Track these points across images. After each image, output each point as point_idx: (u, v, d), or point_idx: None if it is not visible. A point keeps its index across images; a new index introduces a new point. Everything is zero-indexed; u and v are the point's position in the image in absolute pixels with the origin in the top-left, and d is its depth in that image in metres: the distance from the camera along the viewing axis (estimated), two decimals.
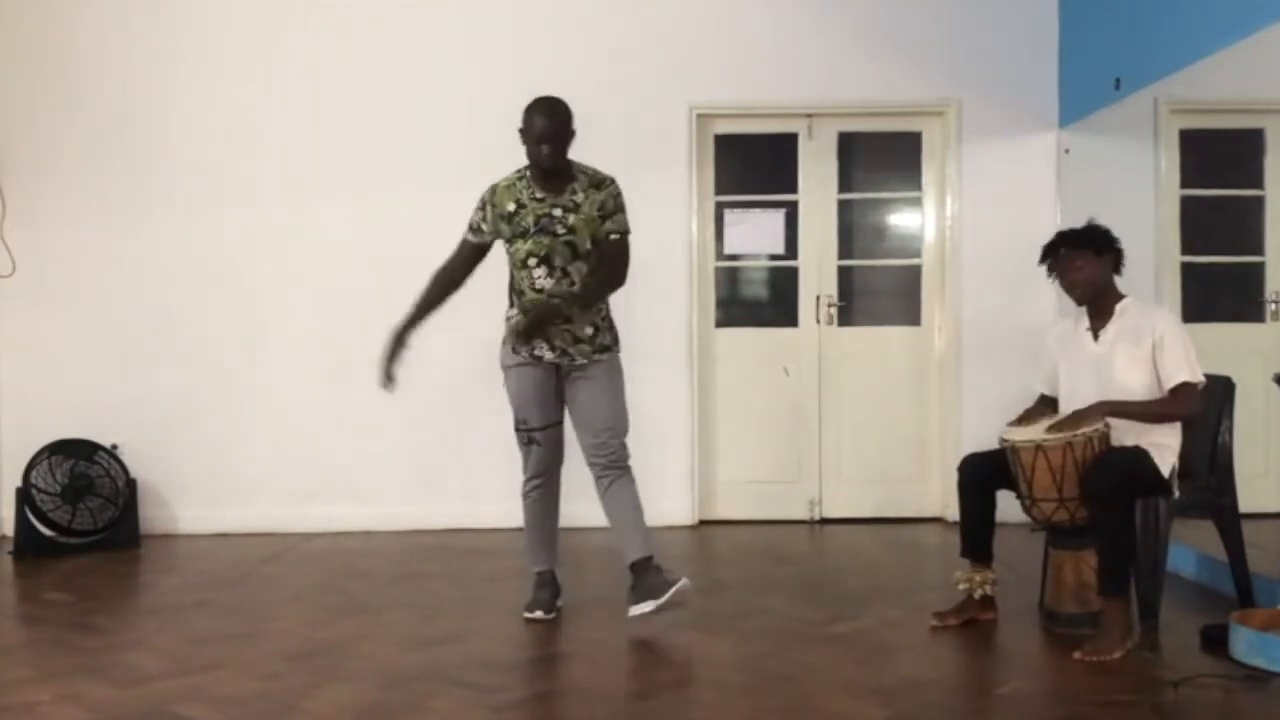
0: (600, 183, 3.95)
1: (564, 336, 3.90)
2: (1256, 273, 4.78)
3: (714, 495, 5.87)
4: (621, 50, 5.73)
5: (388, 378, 3.96)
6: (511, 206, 3.89)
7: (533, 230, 3.85)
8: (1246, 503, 3.96)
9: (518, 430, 4.04)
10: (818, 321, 5.89)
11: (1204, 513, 3.97)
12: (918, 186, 5.94)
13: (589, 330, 3.94)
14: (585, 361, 3.95)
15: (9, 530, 5.34)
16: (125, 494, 5.45)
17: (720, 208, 5.91)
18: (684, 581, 3.86)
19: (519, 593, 4.27)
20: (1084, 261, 3.82)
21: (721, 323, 5.94)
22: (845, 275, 5.94)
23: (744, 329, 5.98)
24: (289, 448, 5.71)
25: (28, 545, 5.21)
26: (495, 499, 5.46)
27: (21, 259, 5.63)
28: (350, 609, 4.24)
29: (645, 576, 3.90)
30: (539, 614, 4.01)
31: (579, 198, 3.90)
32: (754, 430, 5.87)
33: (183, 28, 5.71)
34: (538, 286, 3.88)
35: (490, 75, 5.69)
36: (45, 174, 5.67)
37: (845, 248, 5.94)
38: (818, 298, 5.89)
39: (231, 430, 5.72)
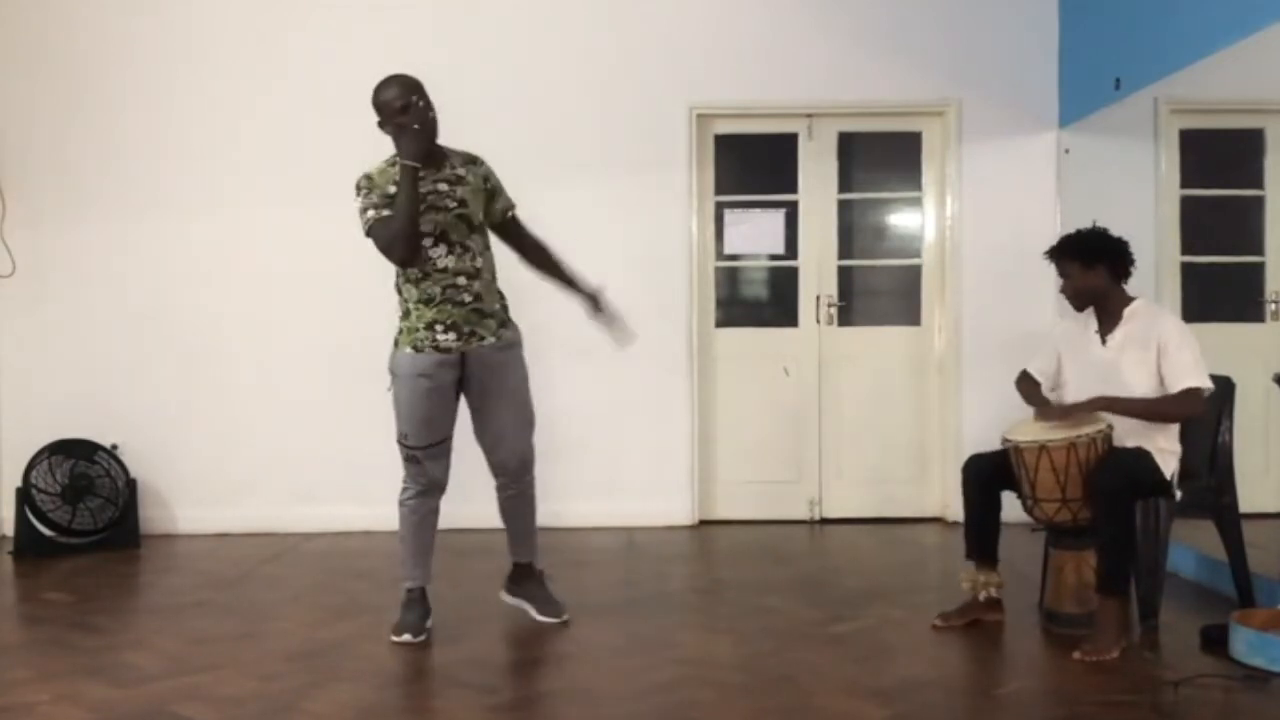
0: (474, 159, 3.83)
1: (470, 316, 3.73)
2: (1256, 273, 4.78)
3: (714, 495, 5.87)
4: (621, 50, 5.74)
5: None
6: (393, 188, 3.63)
7: (422, 210, 3.63)
8: (1246, 503, 3.96)
9: (399, 442, 3.87)
10: (818, 321, 5.89)
11: (1204, 513, 3.97)
12: (918, 186, 5.94)
13: (496, 307, 3.82)
14: (493, 340, 3.76)
15: (9, 530, 5.34)
16: (125, 494, 5.45)
17: (720, 208, 5.90)
18: (566, 619, 3.96)
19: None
20: (1072, 272, 3.83)
21: (721, 323, 5.93)
22: (845, 275, 5.94)
23: (744, 329, 5.98)
24: (289, 448, 5.71)
25: (28, 545, 5.21)
26: (493, 499, 5.46)
27: (21, 259, 5.63)
28: (350, 609, 4.24)
29: (530, 581, 4.03)
30: (408, 637, 3.77)
31: (460, 171, 3.76)
32: (754, 430, 5.87)
33: (183, 28, 5.71)
34: (440, 266, 3.68)
35: (490, 75, 5.69)
36: (45, 174, 5.67)
37: (845, 248, 5.93)
38: (818, 298, 5.89)
39: (231, 430, 5.72)
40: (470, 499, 5.63)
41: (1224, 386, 3.92)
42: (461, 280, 3.70)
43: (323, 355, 5.71)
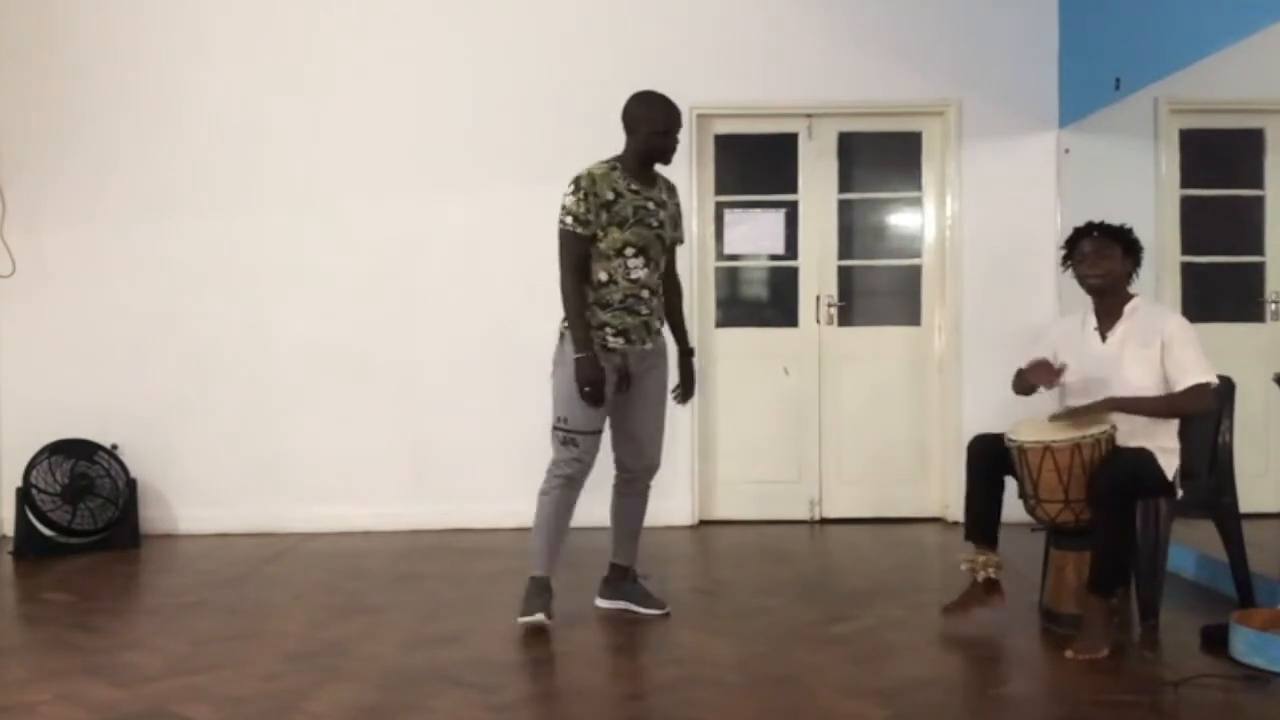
0: (673, 189, 4.07)
1: (640, 327, 3.91)
2: (1256, 273, 4.78)
3: (714, 495, 5.87)
4: (621, 50, 5.73)
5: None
6: (610, 195, 3.82)
7: (631, 220, 3.84)
8: (1246, 503, 3.97)
9: (556, 428, 3.90)
10: (818, 321, 5.89)
11: (1204, 513, 3.97)
12: (918, 186, 5.93)
13: (658, 323, 4.02)
14: (649, 346, 3.96)
15: (9, 530, 5.34)
16: (125, 494, 5.45)
17: (720, 208, 5.90)
18: (666, 611, 4.05)
19: (518, 593, 4.28)
20: (1113, 254, 3.81)
21: (721, 323, 5.93)
22: (845, 275, 5.94)
23: (744, 329, 5.98)
24: (289, 448, 5.71)
25: (28, 545, 5.21)
26: (495, 499, 5.48)
27: (21, 259, 5.63)
28: (350, 609, 4.24)
29: (625, 582, 4.12)
30: (540, 617, 3.88)
31: (664, 196, 3.99)
32: (754, 430, 5.87)
33: (185, 27, 5.71)
34: (632, 277, 3.86)
35: (491, 76, 5.69)
36: (45, 174, 5.67)
37: (845, 248, 5.93)
38: (818, 298, 5.89)
39: (231, 430, 5.71)
40: (476, 499, 5.68)
41: (1224, 386, 3.91)
42: (645, 293, 3.91)
43: (323, 355, 5.71)
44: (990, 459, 3.87)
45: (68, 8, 5.69)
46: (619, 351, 3.89)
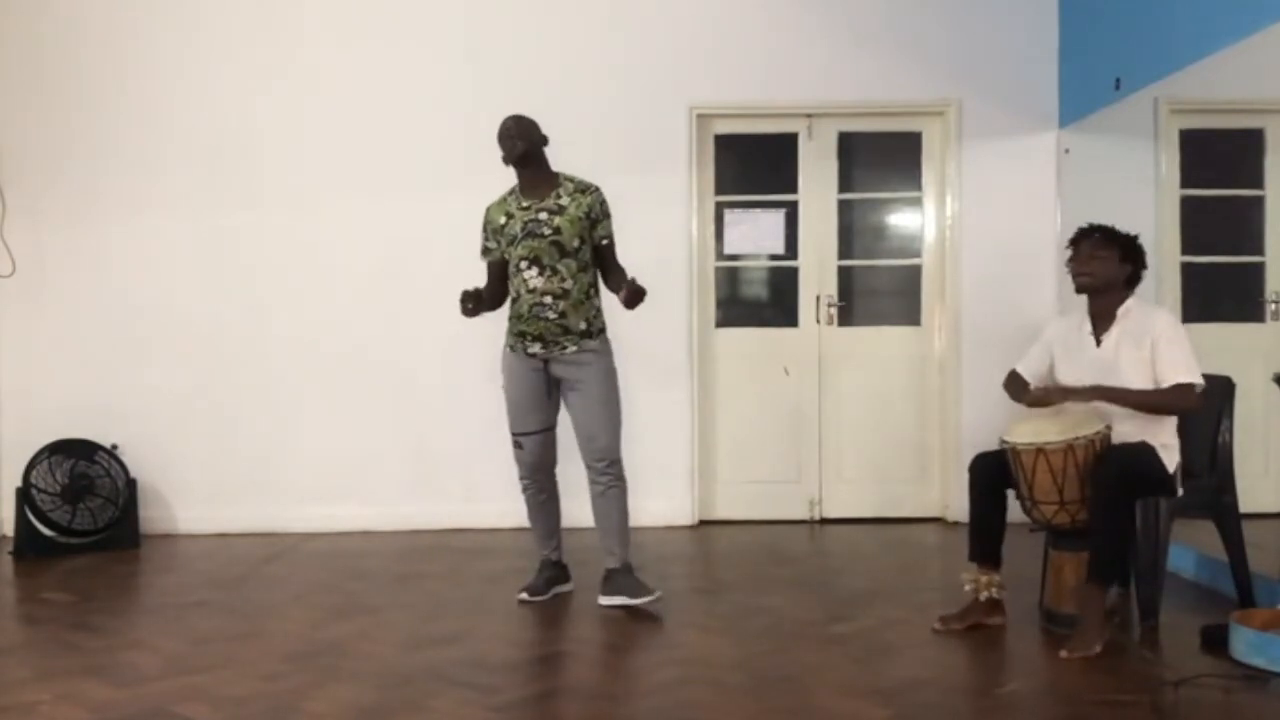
0: (585, 189, 4.16)
1: (554, 330, 4.10)
2: (1256, 273, 4.77)
3: (714, 495, 5.87)
4: (622, 51, 5.74)
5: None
6: (502, 220, 4.16)
7: (521, 236, 4.09)
8: (1246, 503, 3.96)
9: (510, 431, 4.27)
10: (818, 321, 5.89)
11: (1204, 513, 3.97)
12: (918, 186, 5.93)
13: (582, 324, 4.13)
14: (574, 349, 4.11)
15: (9, 530, 5.35)
16: (125, 494, 5.45)
17: (720, 208, 5.90)
18: (656, 595, 4.14)
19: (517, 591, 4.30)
20: (1107, 255, 3.81)
21: (721, 323, 5.93)
22: (845, 275, 5.94)
23: (744, 329, 5.98)
24: (289, 448, 5.71)
25: (28, 545, 5.21)
26: (495, 499, 5.48)
27: (21, 259, 5.63)
28: (350, 609, 4.24)
29: (618, 577, 4.19)
30: (524, 595, 4.27)
31: (564, 201, 4.12)
32: (754, 430, 5.87)
33: (184, 28, 5.71)
34: (530, 286, 4.09)
35: (491, 77, 5.69)
36: (45, 174, 5.67)
37: (845, 248, 5.93)
38: (818, 298, 5.89)
39: (232, 430, 5.72)
40: (476, 499, 5.69)
41: (1224, 386, 3.92)
42: (548, 299, 4.09)
43: (323, 355, 5.71)
44: (991, 478, 3.86)
45: (67, 8, 5.69)
46: (539, 356, 4.14)
